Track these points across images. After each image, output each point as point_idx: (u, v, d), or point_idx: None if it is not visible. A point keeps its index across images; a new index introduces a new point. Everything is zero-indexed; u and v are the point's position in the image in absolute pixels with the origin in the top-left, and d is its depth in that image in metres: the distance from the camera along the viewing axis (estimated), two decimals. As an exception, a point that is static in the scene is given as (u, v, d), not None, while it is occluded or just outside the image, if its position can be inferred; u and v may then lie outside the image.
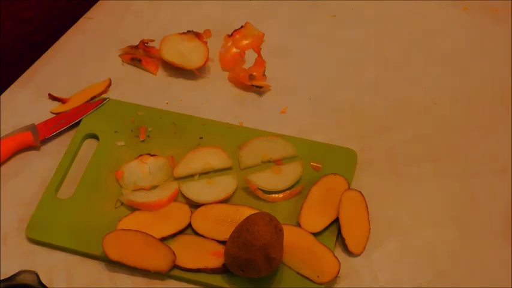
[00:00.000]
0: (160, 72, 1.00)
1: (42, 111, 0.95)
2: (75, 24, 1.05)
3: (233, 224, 0.81)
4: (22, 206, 0.86)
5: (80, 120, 0.93)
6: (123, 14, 1.07)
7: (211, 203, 0.84)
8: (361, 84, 0.97)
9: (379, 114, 0.93)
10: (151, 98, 0.96)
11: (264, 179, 0.86)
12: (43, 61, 1.01)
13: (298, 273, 0.79)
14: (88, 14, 1.07)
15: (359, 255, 0.81)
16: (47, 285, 0.74)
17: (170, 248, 0.79)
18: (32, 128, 0.91)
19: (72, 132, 0.93)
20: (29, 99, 0.97)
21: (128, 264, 0.79)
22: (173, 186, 0.86)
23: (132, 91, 0.97)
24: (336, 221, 0.82)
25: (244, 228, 0.75)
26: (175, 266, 0.79)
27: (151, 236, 0.80)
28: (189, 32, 1.00)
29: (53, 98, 0.96)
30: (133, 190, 0.86)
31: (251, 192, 0.85)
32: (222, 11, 1.06)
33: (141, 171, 0.87)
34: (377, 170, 0.88)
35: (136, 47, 1.01)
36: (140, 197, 0.84)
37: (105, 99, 0.95)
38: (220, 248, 0.80)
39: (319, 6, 1.06)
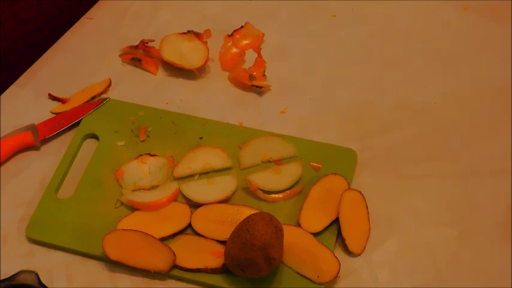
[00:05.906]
0: (160, 72, 1.00)
1: (42, 111, 0.95)
2: (75, 24, 1.05)
3: (233, 224, 0.81)
4: (22, 206, 0.86)
5: (80, 120, 0.93)
6: (123, 14, 1.07)
7: (211, 203, 0.84)
8: (361, 84, 0.97)
9: (379, 114, 0.93)
10: (151, 98, 0.96)
11: (264, 179, 0.86)
12: (43, 61, 1.01)
13: (298, 273, 0.79)
14: (88, 14, 1.07)
15: (359, 255, 0.81)
16: (47, 285, 0.74)
17: (170, 248, 0.79)
18: (32, 128, 0.91)
19: (72, 132, 0.93)
20: (29, 99, 0.97)
21: (128, 264, 0.79)
22: (173, 186, 0.86)
23: (132, 91, 0.97)
24: (336, 221, 0.82)
25: (244, 228, 0.75)
26: (175, 266, 0.79)
27: (151, 236, 0.80)
28: (189, 32, 1.00)
29: (53, 98, 0.96)
30: (133, 190, 0.86)
31: (251, 192, 0.85)
32: (222, 11, 1.06)
33: (141, 171, 0.87)
34: (377, 170, 0.88)
35: (136, 47, 1.01)
36: (140, 197, 0.84)
37: (105, 99, 0.95)
38: (220, 248, 0.80)
39: (319, 6, 1.06)
